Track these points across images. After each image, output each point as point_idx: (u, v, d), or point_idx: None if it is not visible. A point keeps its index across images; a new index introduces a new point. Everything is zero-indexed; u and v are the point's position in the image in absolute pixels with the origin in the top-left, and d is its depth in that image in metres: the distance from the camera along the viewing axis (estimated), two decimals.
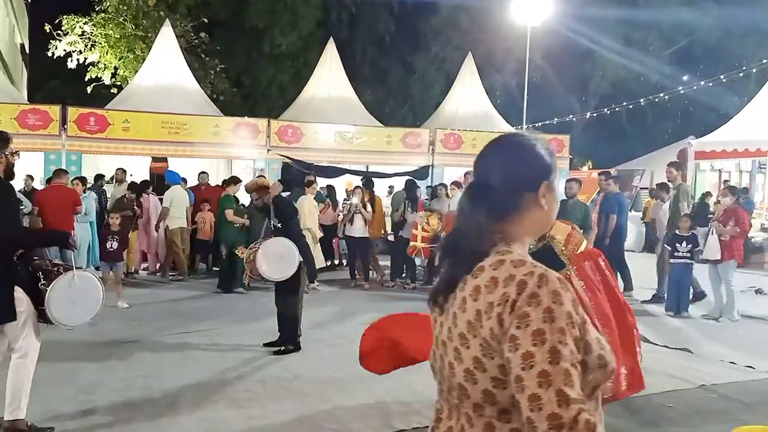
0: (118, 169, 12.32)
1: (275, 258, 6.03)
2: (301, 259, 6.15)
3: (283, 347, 6.14)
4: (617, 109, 22.24)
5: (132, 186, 11.23)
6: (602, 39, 27.00)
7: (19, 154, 4.44)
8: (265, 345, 6.34)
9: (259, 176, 11.81)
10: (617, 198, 9.95)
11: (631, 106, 22.23)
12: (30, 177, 11.53)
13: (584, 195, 13.07)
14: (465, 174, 10.04)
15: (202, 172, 12.63)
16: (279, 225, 6.38)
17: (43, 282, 4.04)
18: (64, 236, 4.48)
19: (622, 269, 9.58)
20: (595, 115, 24.44)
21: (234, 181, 10.42)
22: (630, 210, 18.03)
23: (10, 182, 4.25)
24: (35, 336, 4.07)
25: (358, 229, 10.53)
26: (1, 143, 4.16)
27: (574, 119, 24.31)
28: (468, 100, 17.34)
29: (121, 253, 8.62)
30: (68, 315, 4.15)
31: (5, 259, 3.95)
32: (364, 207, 10.61)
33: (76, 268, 4.23)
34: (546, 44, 26.92)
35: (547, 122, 22.18)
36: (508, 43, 27.42)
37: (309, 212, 9.73)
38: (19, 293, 3.96)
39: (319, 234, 10.23)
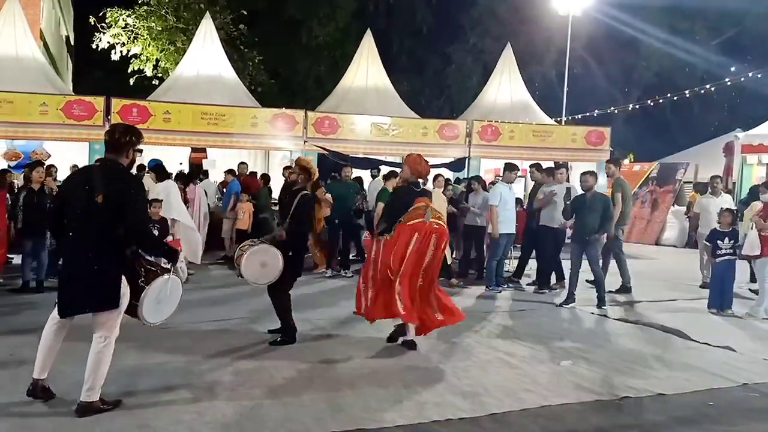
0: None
1: (258, 266, 6.08)
2: (291, 254, 6.13)
3: (279, 338, 6.18)
4: (661, 100, 21.71)
5: (179, 176, 11.43)
6: (646, 28, 26.34)
7: (141, 151, 4.68)
8: (270, 332, 6.39)
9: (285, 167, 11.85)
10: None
11: (675, 98, 21.66)
12: (75, 167, 11.85)
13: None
14: (506, 165, 9.86)
15: (242, 163, 12.77)
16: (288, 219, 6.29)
17: (142, 279, 4.31)
18: (176, 256, 4.68)
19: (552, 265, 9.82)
20: (637, 106, 23.88)
21: (392, 175, 10.26)
22: (673, 204, 17.68)
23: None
24: (118, 326, 4.32)
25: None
26: (134, 139, 4.35)
27: (616, 111, 23.81)
28: (506, 91, 17.13)
29: (161, 241, 8.77)
30: (152, 313, 4.43)
31: (121, 251, 4.22)
32: None
33: (167, 270, 4.48)
34: (588, 33, 26.45)
35: (588, 114, 21.78)
36: (549, 32, 27.01)
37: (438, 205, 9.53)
38: (124, 285, 4.23)
39: None
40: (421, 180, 6.66)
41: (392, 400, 4.73)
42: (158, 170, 9.46)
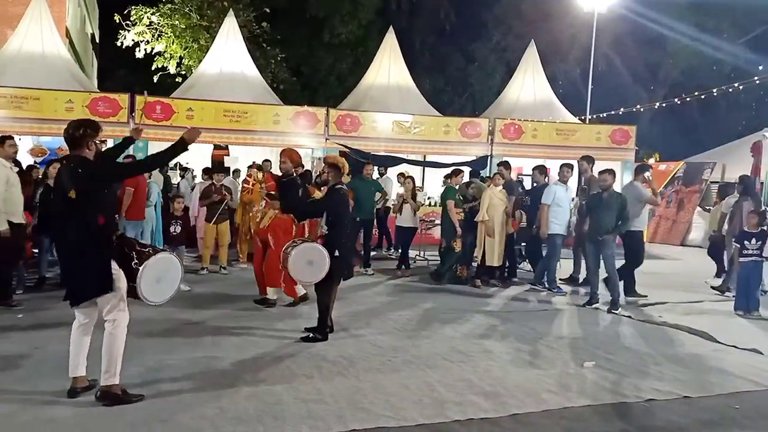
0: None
1: (305, 265, 6.10)
2: (337, 255, 6.12)
3: (310, 335, 6.18)
4: (688, 99, 21.32)
5: (206, 172, 11.51)
6: (673, 25, 25.94)
7: (106, 142, 4.79)
8: (306, 330, 6.39)
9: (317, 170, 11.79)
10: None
11: (702, 96, 21.29)
12: None
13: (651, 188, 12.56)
14: (562, 165, 9.68)
15: (266, 160, 12.79)
16: (326, 225, 6.32)
17: (135, 261, 4.42)
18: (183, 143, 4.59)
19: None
20: (663, 105, 23.51)
21: (455, 173, 10.26)
22: (699, 205, 17.38)
23: None
24: (125, 308, 4.45)
25: (406, 218, 10.52)
26: (89, 131, 4.45)
27: (642, 109, 23.47)
28: (529, 89, 16.98)
29: (184, 237, 8.86)
30: (154, 292, 4.50)
31: (106, 237, 4.39)
32: (413, 198, 10.56)
33: (161, 250, 4.68)
34: (613, 31, 26.14)
35: (613, 112, 21.50)
36: (573, 30, 26.75)
37: (491, 205, 9.36)
38: (115, 269, 4.37)
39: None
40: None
41: (413, 399, 4.71)
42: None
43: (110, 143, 12.48)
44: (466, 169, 12.17)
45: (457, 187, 9.96)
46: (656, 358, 6.05)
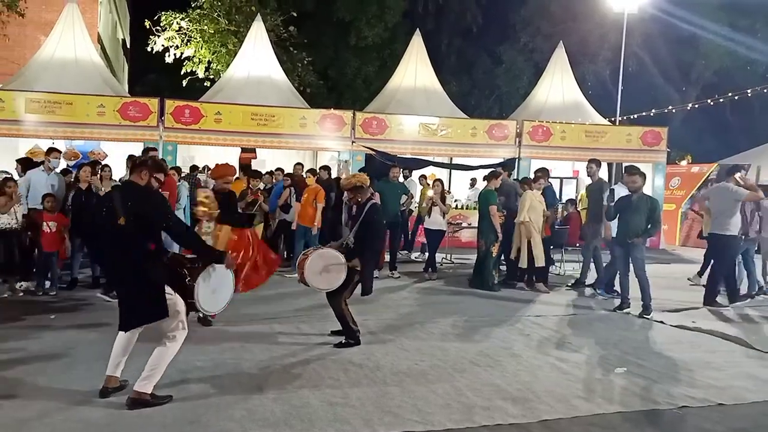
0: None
1: (320, 272, 6.05)
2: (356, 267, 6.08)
3: (344, 340, 6.17)
4: (721, 99, 20.87)
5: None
6: (705, 25, 25.43)
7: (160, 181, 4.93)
8: (333, 333, 6.41)
9: (344, 175, 11.77)
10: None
11: (736, 97, 20.81)
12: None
13: (683, 190, 12.42)
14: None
15: (298, 164, 12.85)
16: (353, 238, 6.24)
17: (188, 278, 4.57)
18: (226, 257, 4.81)
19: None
20: (696, 106, 23.04)
21: (494, 175, 10.02)
22: None
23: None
24: (185, 326, 4.57)
25: (435, 221, 10.47)
26: (153, 165, 4.67)
27: (674, 110, 23.03)
28: (558, 91, 16.81)
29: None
30: (212, 303, 4.74)
31: (159, 262, 4.48)
32: (442, 200, 10.51)
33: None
34: (643, 31, 25.74)
35: (644, 113, 21.12)
36: (602, 30, 26.43)
37: (531, 207, 9.38)
38: (170, 293, 4.45)
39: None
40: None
41: (441, 403, 4.67)
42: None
43: (140, 147, 12.73)
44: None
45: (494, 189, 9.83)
46: (689, 365, 5.91)
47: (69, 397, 4.48)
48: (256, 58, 15.44)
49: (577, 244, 10.68)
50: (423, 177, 13.11)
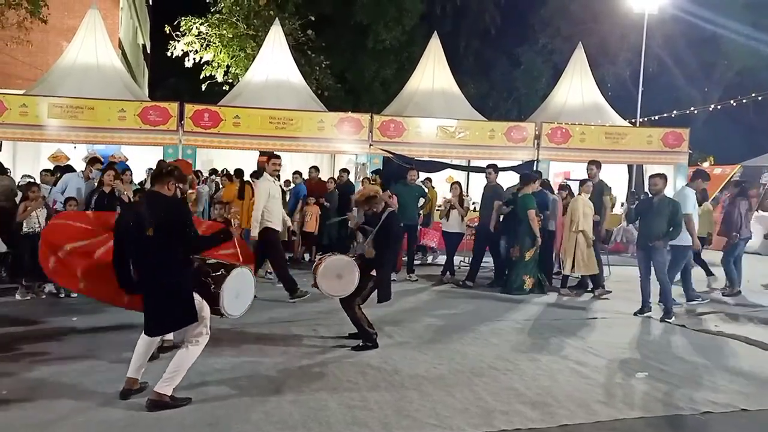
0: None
1: (334, 278, 6.04)
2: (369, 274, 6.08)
3: (360, 344, 6.16)
4: (744, 100, 20.59)
5: (238, 174, 11.66)
6: (728, 25, 25.09)
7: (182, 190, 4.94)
8: (350, 335, 6.41)
9: (364, 179, 11.73)
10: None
11: (759, 98, 20.51)
12: (151, 170, 12.30)
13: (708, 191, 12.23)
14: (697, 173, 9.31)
15: (313, 167, 12.91)
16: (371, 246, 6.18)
17: (213, 286, 4.65)
18: (227, 231, 4.89)
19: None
20: (718, 106, 22.74)
21: (531, 179, 9.81)
22: (756, 210, 16.73)
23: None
24: (208, 331, 4.65)
25: (453, 224, 10.42)
26: (178, 175, 4.69)
27: (695, 111, 22.75)
28: (577, 92, 16.65)
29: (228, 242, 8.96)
30: (235, 307, 4.81)
31: (187, 270, 4.55)
32: (460, 203, 10.47)
33: (230, 267, 4.82)
34: (664, 31, 25.47)
35: (665, 114, 20.89)
36: (623, 30, 26.20)
37: (583, 213, 9.31)
38: (198, 299, 4.53)
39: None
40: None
41: (459, 407, 4.64)
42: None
43: (160, 151, 12.88)
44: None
45: (530, 193, 9.69)
46: (711, 369, 5.82)
47: (91, 399, 4.53)
48: (275, 61, 15.51)
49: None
50: (428, 180, 13.07)
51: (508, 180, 14.32)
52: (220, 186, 12.65)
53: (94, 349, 5.76)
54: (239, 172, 11.94)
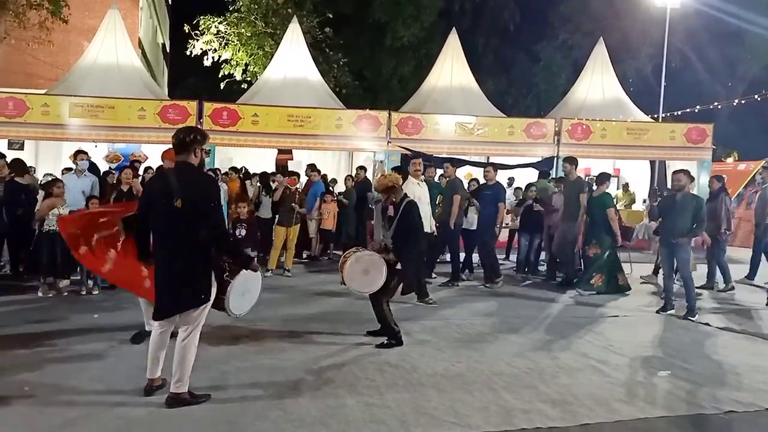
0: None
1: (361, 274, 6.02)
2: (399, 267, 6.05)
3: (385, 341, 6.14)
4: None
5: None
6: (752, 19, 24.65)
7: (209, 152, 4.79)
8: (369, 333, 6.40)
9: (381, 175, 11.76)
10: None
11: None
12: (160, 168, 12.36)
13: (729, 188, 12.04)
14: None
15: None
16: (392, 238, 6.17)
17: (227, 274, 4.53)
18: (252, 262, 4.69)
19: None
20: (743, 102, 22.33)
21: (605, 178, 9.58)
22: None
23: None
24: (203, 320, 4.50)
25: (472, 221, 10.36)
26: (200, 138, 4.39)
27: (719, 106, 22.36)
28: (597, 88, 16.45)
29: (250, 240, 9.02)
30: (237, 305, 4.68)
31: (207, 250, 4.36)
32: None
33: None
34: (687, 26, 25.09)
35: (688, 110, 20.57)
36: (644, 25, 25.87)
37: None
38: (212, 282, 4.43)
39: None
40: None
41: (478, 406, 4.60)
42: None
43: None
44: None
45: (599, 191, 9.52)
46: (735, 368, 5.72)
47: (112, 396, 4.56)
48: (293, 60, 15.53)
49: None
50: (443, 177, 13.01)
51: (527, 177, 14.28)
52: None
53: (115, 346, 5.81)
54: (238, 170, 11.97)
